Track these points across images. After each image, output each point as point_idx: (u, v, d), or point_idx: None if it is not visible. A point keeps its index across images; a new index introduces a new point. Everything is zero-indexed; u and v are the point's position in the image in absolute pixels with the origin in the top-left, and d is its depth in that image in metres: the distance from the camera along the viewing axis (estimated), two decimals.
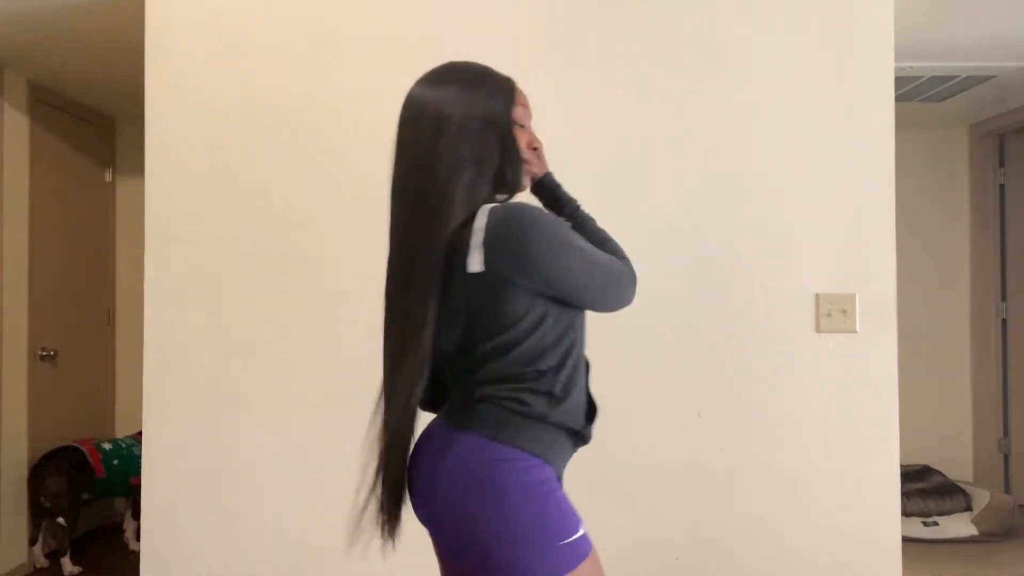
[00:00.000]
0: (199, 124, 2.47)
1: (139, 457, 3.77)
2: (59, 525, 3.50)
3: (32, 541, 3.57)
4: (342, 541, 2.45)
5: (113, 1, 2.75)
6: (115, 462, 3.70)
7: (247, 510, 2.45)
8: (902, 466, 2.58)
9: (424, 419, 1.52)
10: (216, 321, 2.46)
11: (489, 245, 1.28)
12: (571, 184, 1.68)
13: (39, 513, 3.54)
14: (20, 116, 3.59)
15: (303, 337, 2.45)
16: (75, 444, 3.65)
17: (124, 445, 3.79)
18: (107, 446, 3.73)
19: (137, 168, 2.82)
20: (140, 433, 3.98)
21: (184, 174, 2.47)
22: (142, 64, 2.49)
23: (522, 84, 2.46)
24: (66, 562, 3.47)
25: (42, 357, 3.70)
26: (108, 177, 4.36)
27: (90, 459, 3.62)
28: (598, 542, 2.46)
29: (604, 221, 2.12)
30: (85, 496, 3.63)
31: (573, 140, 2.17)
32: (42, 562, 3.54)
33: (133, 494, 3.77)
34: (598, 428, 1.92)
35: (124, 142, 4.39)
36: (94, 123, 4.23)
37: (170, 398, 2.46)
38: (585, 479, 2.13)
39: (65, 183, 3.96)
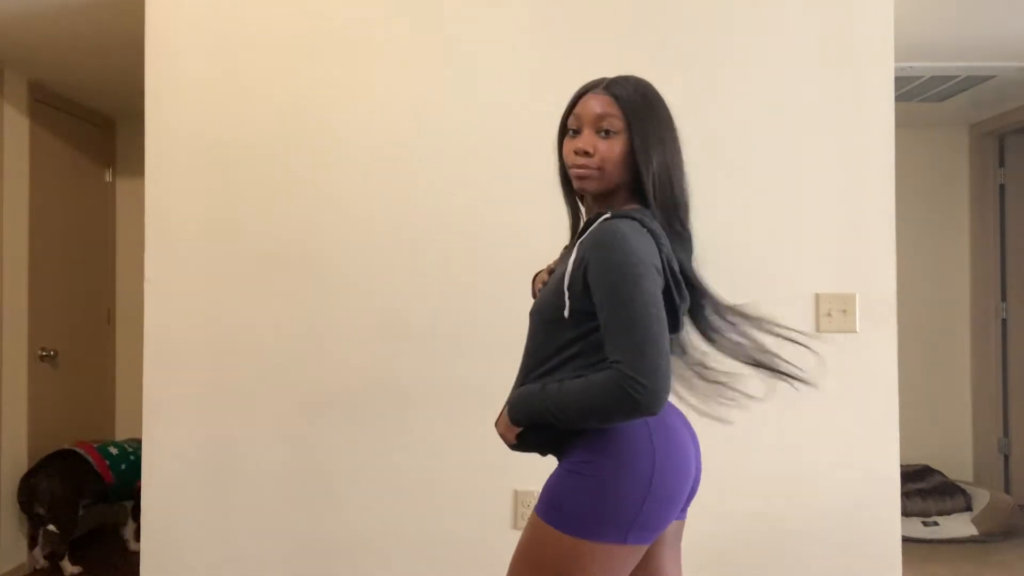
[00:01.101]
0: (199, 124, 2.47)
1: None
2: (52, 532, 3.43)
3: (31, 544, 3.53)
4: (343, 541, 2.45)
5: (113, 1, 2.75)
6: (123, 467, 3.65)
7: (247, 510, 2.45)
8: (902, 466, 2.57)
9: None
10: (216, 321, 2.46)
11: None
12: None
13: (35, 519, 3.46)
14: (20, 116, 3.59)
15: (303, 336, 2.45)
16: (74, 448, 3.58)
17: (130, 449, 3.73)
18: (113, 450, 3.68)
19: (137, 168, 2.82)
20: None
21: (184, 174, 2.47)
22: (142, 64, 2.49)
23: (521, 84, 2.48)
24: (66, 564, 3.44)
25: (42, 357, 3.70)
26: (108, 177, 4.36)
27: (95, 465, 3.56)
28: None
29: None
30: (85, 502, 3.55)
31: None
32: (42, 563, 3.53)
33: (137, 498, 3.72)
34: None
35: (124, 142, 4.38)
36: (94, 123, 4.22)
37: (170, 398, 2.46)
38: None
39: (65, 183, 3.95)
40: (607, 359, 1.29)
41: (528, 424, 1.41)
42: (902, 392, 2.45)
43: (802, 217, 2.43)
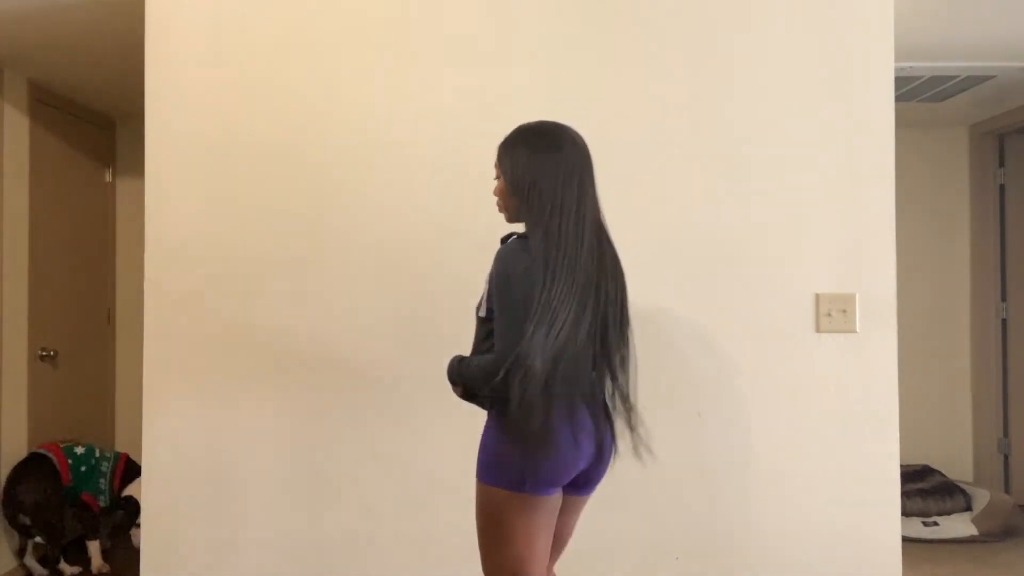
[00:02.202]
0: (199, 124, 2.47)
1: (104, 473, 3.50)
2: (40, 544, 3.34)
3: (20, 554, 3.43)
4: (343, 541, 2.46)
5: (113, 1, 2.75)
6: (81, 468, 3.46)
7: (247, 510, 2.45)
8: (902, 466, 2.58)
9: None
10: (216, 321, 2.46)
11: None
12: None
13: (22, 530, 3.36)
14: (20, 116, 3.59)
15: (303, 336, 2.45)
16: (43, 451, 3.44)
17: (99, 454, 3.55)
18: (79, 450, 3.50)
19: (137, 168, 2.82)
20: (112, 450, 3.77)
21: (184, 174, 2.47)
22: (142, 64, 2.49)
23: (523, 84, 2.48)
24: (64, 567, 3.37)
25: (42, 357, 3.69)
26: (108, 177, 4.36)
27: (58, 465, 3.40)
28: (598, 542, 2.48)
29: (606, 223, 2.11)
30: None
31: None
32: (39, 570, 3.44)
33: (85, 513, 3.49)
34: None
35: (124, 142, 4.38)
36: (94, 123, 4.22)
37: (170, 398, 2.46)
38: None
39: (65, 183, 3.95)
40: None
41: (452, 381, 1.84)
42: (902, 392, 2.45)
43: (802, 217, 2.43)
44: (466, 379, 1.78)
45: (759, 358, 2.41)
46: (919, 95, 3.96)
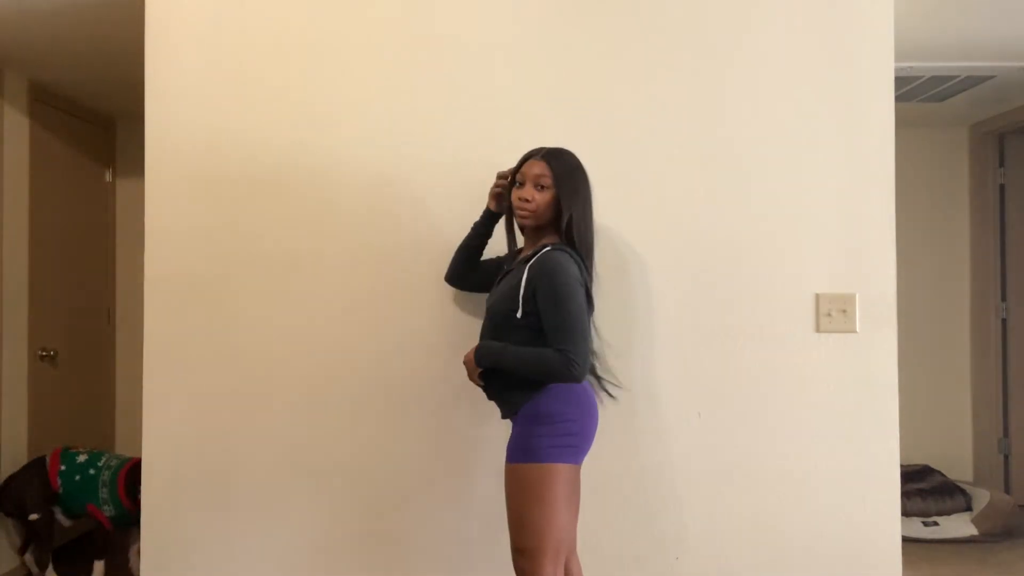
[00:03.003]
0: (199, 124, 2.47)
1: (105, 482, 3.28)
2: (33, 530, 3.30)
3: (22, 550, 3.43)
4: (343, 541, 2.46)
5: (113, 1, 2.75)
6: (76, 477, 3.28)
7: (247, 510, 2.45)
8: (902, 466, 2.58)
9: None
10: (216, 321, 2.46)
11: None
12: None
13: (20, 523, 3.35)
14: (20, 116, 3.59)
15: (303, 336, 2.45)
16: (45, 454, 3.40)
17: (101, 462, 3.33)
18: (81, 458, 3.34)
19: (137, 168, 2.82)
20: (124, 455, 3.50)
21: (184, 174, 2.47)
22: (142, 64, 2.49)
23: (522, 86, 2.48)
24: (50, 573, 3.33)
25: (42, 357, 3.70)
26: (108, 177, 4.36)
27: (48, 469, 3.29)
28: (598, 541, 2.48)
29: (605, 223, 2.12)
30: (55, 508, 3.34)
31: (574, 141, 2.17)
32: (36, 571, 3.40)
33: (98, 526, 3.34)
34: (600, 428, 2.09)
35: (124, 142, 4.38)
36: (94, 123, 4.22)
37: (170, 398, 2.46)
38: (586, 479, 2.13)
39: (65, 183, 3.95)
40: (549, 343, 1.93)
41: (487, 366, 2.03)
42: (902, 392, 2.45)
43: (802, 217, 2.43)
44: (520, 364, 1.96)
45: (759, 358, 2.41)
46: (919, 95, 3.96)
